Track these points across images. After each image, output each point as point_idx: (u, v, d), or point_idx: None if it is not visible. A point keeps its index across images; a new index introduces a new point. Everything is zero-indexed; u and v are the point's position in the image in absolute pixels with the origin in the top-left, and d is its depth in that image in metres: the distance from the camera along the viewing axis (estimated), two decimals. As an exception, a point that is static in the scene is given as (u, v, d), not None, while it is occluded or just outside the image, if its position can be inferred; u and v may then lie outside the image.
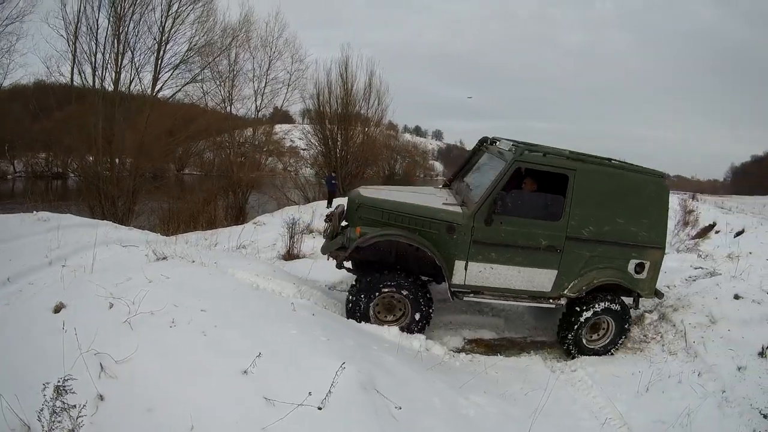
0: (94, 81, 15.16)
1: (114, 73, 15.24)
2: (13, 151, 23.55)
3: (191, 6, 16.60)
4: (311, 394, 2.53)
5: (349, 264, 5.13)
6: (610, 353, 4.97)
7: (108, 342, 2.87)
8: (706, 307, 5.14)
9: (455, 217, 4.56)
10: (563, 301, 4.83)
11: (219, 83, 19.67)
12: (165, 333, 3.03)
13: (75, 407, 2.26)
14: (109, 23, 15.01)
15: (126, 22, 15.13)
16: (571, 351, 4.92)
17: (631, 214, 4.75)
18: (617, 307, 4.90)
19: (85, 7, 14.86)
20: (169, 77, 17.08)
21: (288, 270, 5.71)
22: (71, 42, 14.96)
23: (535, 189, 4.96)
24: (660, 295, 5.20)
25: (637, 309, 5.24)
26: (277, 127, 27.89)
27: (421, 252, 4.53)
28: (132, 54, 15.67)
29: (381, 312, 4.67)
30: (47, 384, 2.26)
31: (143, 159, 15.78)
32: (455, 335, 5.10)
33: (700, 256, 6.95)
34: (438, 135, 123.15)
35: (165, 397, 2.66)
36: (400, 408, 2.81)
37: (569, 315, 4.90)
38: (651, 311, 5.48)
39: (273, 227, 10.18)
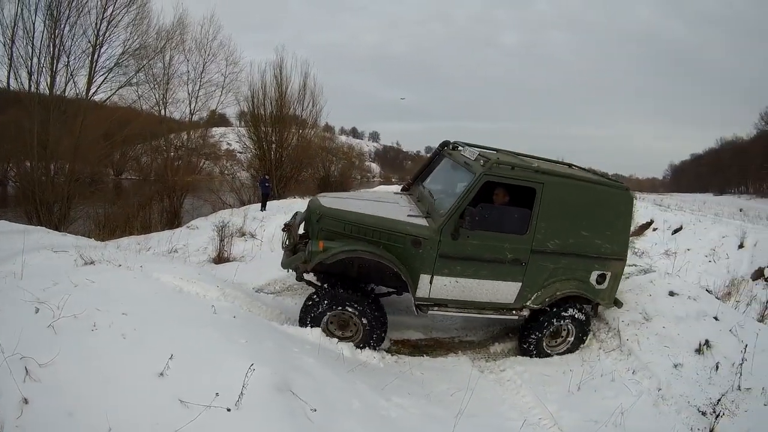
0: (29, 85, 15.03)
1: (49, 78, 15.16)
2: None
3: (125, 9, 16.59)
4: (218, 395, 2.56)
5: (310, 276, 4.90)
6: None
7: (32, 346, 2.86)
8: (640, 305, 5.19)
9: (421, 231, 4.45)
10: (525, 313, 4.85)
11: (153, 86, 19.56)
12: (86, 336, 3.03)
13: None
14: (45, 27, 14.90)
15: (62, 25, 15.08)
16: (532, 355, 4.95)
17: (596, 226, 4.77)
18: (582, 317, 4.97)
19: (22, 11, 14.68)
20: (104, 80, 17.03)
21: (217, 273, 5.63)
22: (8, 46, 14.77)
23: (507, 201, 4.93)
24: (619, 304, 5.21)
25: (596, 316, 5.28)
26: (214, 130, 28.03)
27: (385, 265, 4.40)
28: (67, 58, 15.58)
29: (333, 324, 4.58)
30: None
31: (79, 163, 15.58)
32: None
33: (635, 253, 7.04)
34: (375, 136, 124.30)
35: (85, 401, 2.66)
36: (315, 410, 2.84)
37: (533, 320, 4.92)
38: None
39: (206, 231, 9.98)
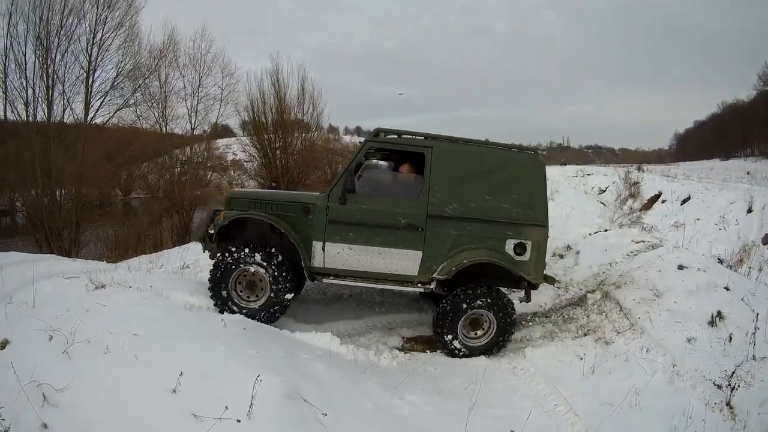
0: (27, 116, 15.24)
1: (46, 106, 15.33)
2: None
3: (114, 32, 16.68)
4: (227, 408, 2.61)
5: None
6: (492, 352, 4.79)
7: (49, 372, 2.96)
8: (649, 281, 5.09)
9: (309, 198, 4.69)
10: (433, 285, 4.68)
11: (151, 105, 19.65)
12: (100, 360, 3.11)
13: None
14: (36, 57, 15.09)
15: (53, 54, 15.24)
16: (449, 347, 4.71)
17: (501, 190, 4.64)
18: (494, 300, 4.69)
19: (12, 44, 14.85)
20: (101, 104, 17.15)
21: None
22: (1, 80, 14.97)
23: (413, 172, 4.93)
24: (551, 281, 5.04)
25: (529, 302, 5.03)
26: (218, 142, 27.90)
27: (285, 237, 4.59)
28: (62, 85, 15.73)
29: (242, 284, 4.68)
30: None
31: (85, 187, 15.78)
32: (393, 334, 5.10)
33: (644, 228, 6.95)
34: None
35: (101, 422, 2.75)
36: (326, 414, 2.88)
37: (445, 307, 4.73)
38: (593, 291, 5.44)
39: (217, 243, 10.15)
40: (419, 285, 4.71)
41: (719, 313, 4.57)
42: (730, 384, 3.78)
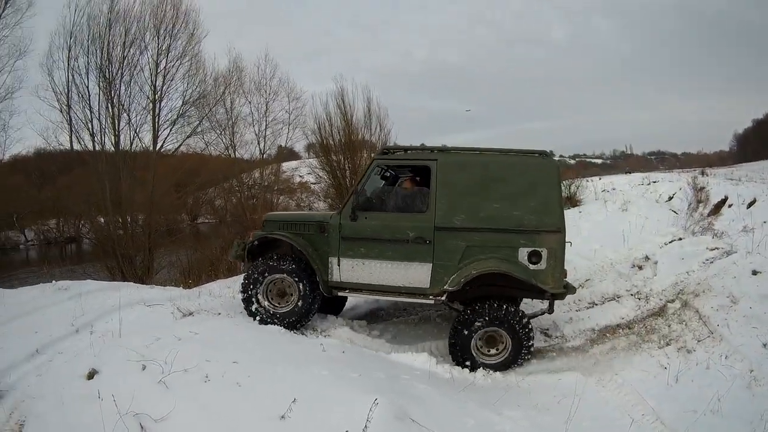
0: (93, 146, 15.31)
1: (113, 137, 15.39)
2: (22, 221, 23.82)
3: (178, 61, 16.77)
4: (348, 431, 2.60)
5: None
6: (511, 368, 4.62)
7: (145, 403, 2.98)
8: (726, 288, 5.04)
9: (325, 217, 4.96)
10: (445, 297, 4.60)
11: (219, 132, 19.72)
12: (200, 388, 3.13)
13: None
14: (100, 89, 15.21)
15: (117, 85, 15.33)
16: (466, 365, 4.53)
17: (510, 197, 4.53)
18: (503, 314, 4.51)
19: (73, 77, 15.01)
20: (169, 133, 17.19)
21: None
22: (65, 112, 15.12)
23: (419, 185, 5.05)
24: (572, 290, 4.88)
25: (551, 313, 4.85)
26: (285, 165, 27.85)
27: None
28: (128, 116, 15.82)
29: (272, 292, 4.89)
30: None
31: (155, 214, 15.86)
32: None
33: (715, 235, 6.86)
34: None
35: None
36: (436, 433, 2.85)
37: (459, 323, 4.60)
38: (673, 300, 5.43)
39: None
40: (431, 297, 4.68)
41: (795, 317, 4.49)
42: (806, 387, 3.73)
